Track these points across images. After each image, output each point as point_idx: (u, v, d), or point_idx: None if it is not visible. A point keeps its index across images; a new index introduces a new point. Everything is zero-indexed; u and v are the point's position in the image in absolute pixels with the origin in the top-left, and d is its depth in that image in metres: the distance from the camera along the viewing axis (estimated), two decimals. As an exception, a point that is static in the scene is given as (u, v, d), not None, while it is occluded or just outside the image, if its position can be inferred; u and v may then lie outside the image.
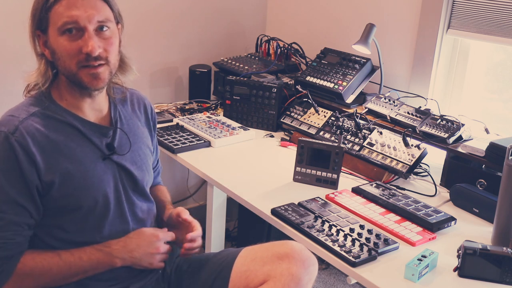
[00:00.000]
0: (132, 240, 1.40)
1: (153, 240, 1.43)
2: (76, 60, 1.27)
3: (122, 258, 1.38)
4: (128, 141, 1.44)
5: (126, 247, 1.39)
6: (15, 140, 1.24)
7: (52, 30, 1.28)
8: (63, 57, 1.28)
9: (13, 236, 1.27)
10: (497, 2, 1.97)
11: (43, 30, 1.29)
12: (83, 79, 1.29)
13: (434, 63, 2.21)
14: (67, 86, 1.34)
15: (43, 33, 1.30)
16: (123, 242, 1.39)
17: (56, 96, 1.36)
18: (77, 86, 1.32)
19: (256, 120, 2.35)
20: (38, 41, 1.32)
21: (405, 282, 1.35)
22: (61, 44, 1.27)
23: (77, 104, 1.36)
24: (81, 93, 1.35)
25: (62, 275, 1.33)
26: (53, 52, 1.30)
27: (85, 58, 1.27)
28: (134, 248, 1.40)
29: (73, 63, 1.27)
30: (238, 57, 2.68)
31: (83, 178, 1.33)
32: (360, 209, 1.68)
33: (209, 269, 1.53)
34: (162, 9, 2.60)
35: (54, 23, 1.27)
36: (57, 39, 1.27)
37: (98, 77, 1.30)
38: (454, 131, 1.89)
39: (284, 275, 1.38)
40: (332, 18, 2.61)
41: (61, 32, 1.26)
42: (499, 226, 1.49)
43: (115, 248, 1.37)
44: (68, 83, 1.33)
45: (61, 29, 1.26)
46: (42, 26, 1.29)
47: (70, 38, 1.26)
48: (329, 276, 2.63)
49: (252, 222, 2.51)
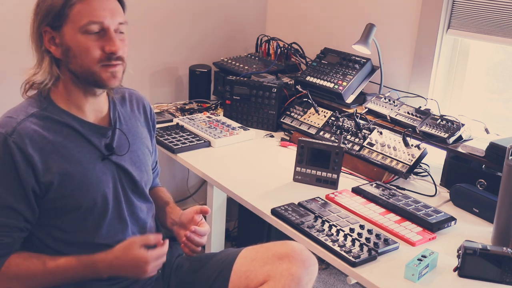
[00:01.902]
0: (118, 261, 1.32)
1: (140, 264, 1.31)
2: (98, 58, 1.29)
3: (108, 274, 1.34)
4: (127, 141, 1.44)
5: (112, 267, 1.32)
6: (12, 141, 1.24)
7: (70, 28, 1.28)
8: (82, 55, 1.29)
9: (1, 237, 1.27)
10: (497, 2, 1.97)
11: (56, 27, 1.29)
12: (103, 77, 1.31)
13: (434, 63, 2.21)
14: (72, 84, 1.34)
15: (53, 30, 1.29)
16: (108, 262, 1.31)
17: (55, 97, 1.35)
18: (91, 84, 1.33)
19: (256, 120, 2.35)
20: (43, 38, 1.31)
21: (405, 282, 1.35)
22: (82, 42, 1.28)
23: (79, 104, 1.36)
24: (86, 92, 1.35)
25: (47, 282, 1.32)
26: (66, 49, 1.29)
27: (106, 57, 1.29)
28: (120, 270, 1.33)
29: (94, 62, 1.29)
30: (238, 57, 2.69)
31: (82, 178, 1.32)
32: (360, 209, 1.68)
33: (209, 269, 1.52)
34: (162, 9, 2.60)
35: (74, 21, 1.27)
36: (76, 37, 1.28)
37: (116, 76, 1.33)
38: (454, 131, 1.89)
39: (284, 275, 1.38)
40: (332, 18, 2.61)
41: (83, 31, 1.28)
42: (499, 226, 1.49)
43: (101, 267, 1.31)
44: (74, 81, 1.33)
45: (84, 27, 1.27)
46: (56, 23, 1.28)
47: (92, 37, 1.28)
48: (329, 276, 2.63)
49: (252, 222, 2.51)
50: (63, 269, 1.31)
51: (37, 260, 1.31)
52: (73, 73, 1.32)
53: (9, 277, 1.29)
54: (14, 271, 1.29)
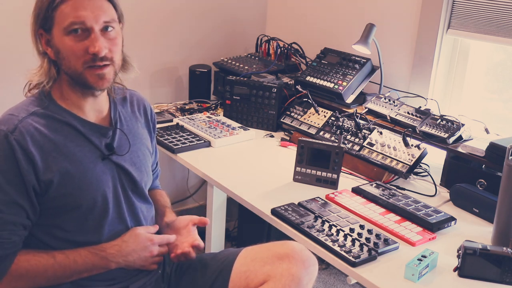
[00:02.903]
0: (127, 244, 1.40)
1: (147, 244, 1.42)
2: (82, 60, 1.28)
3: (117, 262, 1.38)
4: (127, 141, 1.44)
5: (121, 251, 1.38)
6: (14, 139, 1.24)
7: (57, 30, 1.28)
8: (68, 57, 1.28)
9: (9, 235, 1.27)
10: (497, 2, 1.97)
11: (47, 29, 1.29)
12: (89, 79, 1.30)
13: (434, 63, 2.21)
14: (69, 85, 1.34)
15: (46, 32, 1.30)
16: (118, 246, 1.39)
17: (56, 96, 1.36)
18: (82, 86, 1.33)
19: (256, 120, 2.35)
20: (41, 40, 1.32)
21: (405, 282, 1.35)
22: (67, 44, 1.27)
23: (79, 104, 1.36)
24: (84, 93, 1.35)
25: (57, 276, 1.33)
26: (57, 51, 1.30)
27: (91, 58, 1.27)
28: (129, 253, 1.39)
29: (79, 63, 1.28)
30: (238, 57, 2.69)
31: (82, 178, 1.33)
32: (360, 209, 1.68)
33: (209, 269, 1.53)
34: (162, 9, 2.60)
35: (59, 22, 1.27)
36: (62, 39, 1.27)
37: (104, 78, 1.31)
38: (454, 131, 1.89)
39: (285, 276, 1.38)
40: (332, 18, 2.61)
41: (67, 32, 1.27)
42: (499, 226, 1.49)
43: (110, 253, 1.37)
44: (71, 83, 1.34)
45: (67, 29, 1.26)
46: (46, 25, 1.29)
47: (76, 38, 1.27)
48: (329, 276, 2.63)
49: (252, 222, 2.51)
50: (73, 260, 1.33)
51: (46, 255, 1.32)
52: (67, 74, 1.32)
53: (20, 274, 1.29)
54: (25, 267, 1.29)
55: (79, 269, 1.34)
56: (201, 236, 1.53)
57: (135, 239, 1.41)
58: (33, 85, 1.36)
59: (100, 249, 1.37)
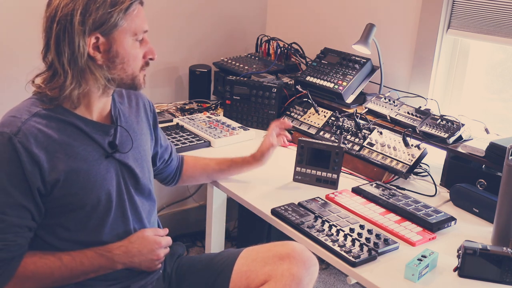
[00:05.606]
0: (134, 246, 1.41)
1: (154, 247, 1.44)
2: (140, 64, 1.37)
3: (123, 263, 1.39)
4: (129, 138, 1.45)
5: (127, 252, 1.39)
6: (18, 141, 1.24)
7: (122, 34, 1.29)
8: (130, 61, 1.33)
9: (15, 238, 1.26)
10: (497, 2, 1.97)
11: (105, 33, 1.27)
12: (141, 81, 1.39)
13: (434, 63, 2.21)
14: (101, 89, 1.34)
15: (103, 37, 1.27)
16: (124, 247, 1.40)
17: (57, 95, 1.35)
18: (125, 87, 1.38)
19: (256, 120, 2.35)
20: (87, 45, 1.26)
21: (405, 282, 1.35)
22: (134, 49, 1.33)
23: (89, 104, 1.35)
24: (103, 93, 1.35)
25: (64, 278, 1.33)
26: (114, 55, 1.30)
27: (146, 62, 1.39)
28: (135, 254, 1.40)
29: (138, 67, 1.36)
30: (238, 57, 2.69)
31: (87, 177, 1.33)
32: (360, 209, 1.68)
33: (210, 269, 1.53)
34: (161, 10, 2.60)
35: (128, 28, 1.30)
36: (128, 44, 1.32)
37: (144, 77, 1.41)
38: (454, 131, 1.89)
39: (285, 276, 1.38)
40: (332, 18, 2.61)
41: (134, 39, 1.33)
42: (499, 226, 1.50)
43: (116, 253, 1.38)
44: (106, 86, 1.34)
45: (139, 35, 1.34)
46: (105, 29, 1.27)
47: (138, 44, 1.35)
48: (329, 276, 2.63)
49: (252, 222, 2.51)
50: (80, 262, 1.33)
51: (53, 257, 1.32)
52: (114, 78, 1.33)
53: (27, 276, 1.29)
54: (31, 270, 1.29)
55: (86, 270, 1.34)
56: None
57: (142, 241, 1.42)
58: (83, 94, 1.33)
59: (106, 250, 1.37)
